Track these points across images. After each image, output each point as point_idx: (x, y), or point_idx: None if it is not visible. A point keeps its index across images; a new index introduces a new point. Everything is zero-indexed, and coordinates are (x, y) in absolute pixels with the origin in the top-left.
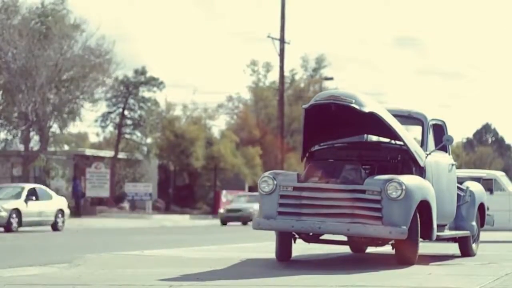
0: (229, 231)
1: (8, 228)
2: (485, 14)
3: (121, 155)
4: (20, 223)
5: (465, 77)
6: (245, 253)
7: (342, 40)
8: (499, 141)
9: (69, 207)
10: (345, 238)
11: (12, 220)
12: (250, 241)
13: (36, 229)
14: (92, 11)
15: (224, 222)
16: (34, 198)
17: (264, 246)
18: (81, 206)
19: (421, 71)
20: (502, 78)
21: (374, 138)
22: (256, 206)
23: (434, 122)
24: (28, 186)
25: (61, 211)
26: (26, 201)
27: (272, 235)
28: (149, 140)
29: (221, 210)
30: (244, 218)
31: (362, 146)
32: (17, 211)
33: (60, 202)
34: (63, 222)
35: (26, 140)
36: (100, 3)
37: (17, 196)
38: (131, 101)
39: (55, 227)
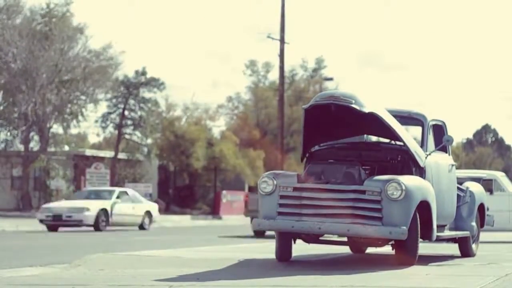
0: (229, 231)
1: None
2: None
3: (121, 156)
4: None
5: None
6: (245, 253)
7: (342, 40)
8: (499, 142)
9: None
10: (345, 239)
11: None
12: (250, 241)
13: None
14: (94, 13)
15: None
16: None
17: (264, 246)
18: None
19: None
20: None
21: (374, 138)
22: None
23: (434, 122)
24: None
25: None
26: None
27: (272, 235)
28: (149, 141)
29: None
30: None
31: (362, 147)
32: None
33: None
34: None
35: (26, 141)
36: (102, 5)
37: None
38: (131, 101)
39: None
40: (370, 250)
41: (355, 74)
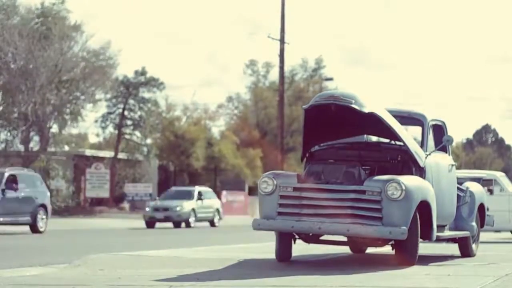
0: (229, 231)
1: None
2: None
3: (121, 156)
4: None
5: None
6: (245, 253)
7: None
8: (499, 142)
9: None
10: (345, 239)
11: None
12: (250, 241)
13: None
14: (94, 13)
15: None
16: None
17: (264, 246)
18: None
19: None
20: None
21: (374, 138)
22: None
23: (434, 122)
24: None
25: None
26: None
27: (272, 235)
28: (149, 141)
29: None
30: None
31: (362, 147)
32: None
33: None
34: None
35: (26, 141)
36: (102, 5)
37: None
38: (131, 101)
39: (213, 223)
40: (370, 250)
41: (355, 74)
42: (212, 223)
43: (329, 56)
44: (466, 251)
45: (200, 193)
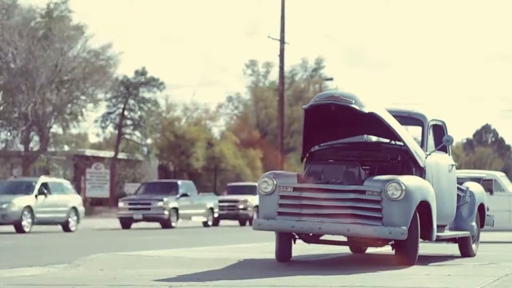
0: (229, 231)
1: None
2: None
3: (121, 156)
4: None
5: None
6: (245, 253)
7: (342, 40)
8: (499, 142)
9: None
10: (345, 239)
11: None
12: (250, 241)
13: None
14: (94, 13)
15: None
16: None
17: (264, 246)
18: None
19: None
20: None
21: (374, 138)
22: None
23: (434, 122)
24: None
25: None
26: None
27: (272, 235)
28: (149, 141)
29: None
30: None
31: (362, 147)
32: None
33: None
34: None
35: (26, 141)
36: (102, 5)
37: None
38: (131, 101)
39: (66, 227)
40: (370, 250)
41: (354, 74)
42: (65, 227)
43: (329, 56)
44: (466, 251)
45: (44, 186)
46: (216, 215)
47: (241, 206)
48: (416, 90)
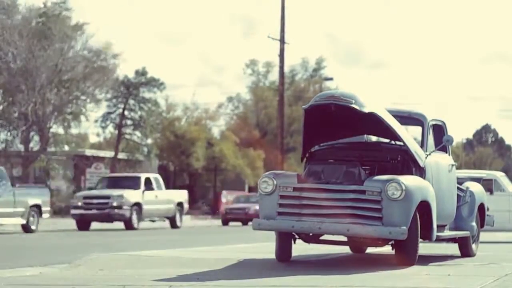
0: (229, 231)
1: None
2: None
3: (121, 156)
4: None
5: None
6: (245, 253)
7: (342, 40)
8: (499, 142)
9: None
10: (345, 239)
11: None
12: (250, 241)
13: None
14: (94, 13)
15: None
16: None
17: (264, 246)
18: None
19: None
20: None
21: (374, 138)
22: None
23: (434, 122)
24: None
25: None
26: None
27: (271, 235)
28: (149, 141)
29: None
30: None
31: (362, 147)
32: None
33: None
34: None
35: (26, 141)
36: (102, 5)
37: None
38: (131, 101)
39: None
40: (370, 250)
41: (354, 74)
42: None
43: (329, 56)
44: (466, 251)
45: None
46: (46, 215)
47: (114, 204)
48: (416, 90)
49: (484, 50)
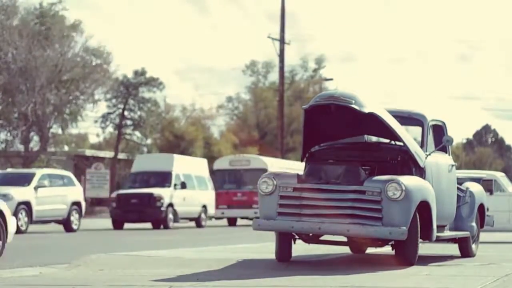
0: (229, 231)
1: None
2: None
3: (121, 156)
4: None
5: None
6: (245, 253)
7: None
8: (499, 142)
9: None
10: (345, 239)
11: None
12: (250, 241)
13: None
14: (94, 13)
15: None
16: None
17: (264, 246)
18: None
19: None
20: None
21: (374, 138)
22: None
23: (434, 122)
24: None
25: None
26: None
27: (271, 235)
28: (149, 141)
29: None
30: None
31: (362, 147)
32: None
33: None
34: None
35: (26, 141)
36: (102, 5)
37: None
38: (131, 101)
39: None
40: (370, 250)
41: (354, 74)
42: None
43: (329, 56)
44: (466, 251)
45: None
46: None
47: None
48: (416, 90)
49: (484, 49)
